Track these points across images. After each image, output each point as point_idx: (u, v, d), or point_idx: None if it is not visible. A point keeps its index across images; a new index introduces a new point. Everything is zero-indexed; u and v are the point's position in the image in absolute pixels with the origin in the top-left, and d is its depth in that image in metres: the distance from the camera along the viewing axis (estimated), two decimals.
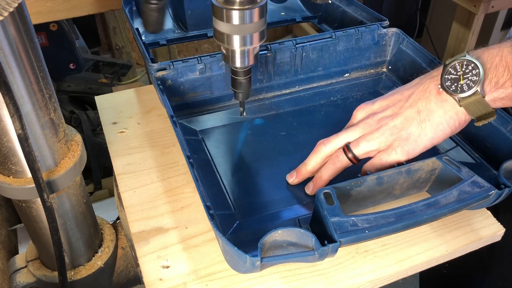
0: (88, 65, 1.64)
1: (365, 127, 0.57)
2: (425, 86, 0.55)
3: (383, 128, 0.55)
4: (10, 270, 0.67)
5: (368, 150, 0.56)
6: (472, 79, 0.51)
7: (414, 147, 0.54)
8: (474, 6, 1.36)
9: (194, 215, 0.58)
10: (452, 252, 0.55)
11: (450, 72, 0.52)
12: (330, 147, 0.58)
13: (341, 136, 0.58)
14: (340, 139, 0.57)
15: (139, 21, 0.90)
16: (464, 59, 0.51)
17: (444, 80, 0.52)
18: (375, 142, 0.55)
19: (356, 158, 0.56)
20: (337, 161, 0.57)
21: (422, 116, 0.54)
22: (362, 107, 0.59)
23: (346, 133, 0.58)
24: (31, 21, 0.44)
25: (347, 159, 0.56)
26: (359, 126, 0.57)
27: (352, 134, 0.57)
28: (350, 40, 0.75)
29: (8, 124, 0.45)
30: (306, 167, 0.59)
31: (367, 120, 0.57)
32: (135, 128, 0.72)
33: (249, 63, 0.58)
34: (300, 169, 0.60)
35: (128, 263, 0.71)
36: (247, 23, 0.52)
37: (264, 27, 0.55)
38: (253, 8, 0.51)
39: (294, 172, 0.61)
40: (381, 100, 0.58)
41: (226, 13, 0.51)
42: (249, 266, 0.45)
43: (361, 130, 0.57)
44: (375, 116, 0.57)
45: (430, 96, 0.54)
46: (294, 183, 0.61)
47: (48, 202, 0.49)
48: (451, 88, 0.52)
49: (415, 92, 0.55)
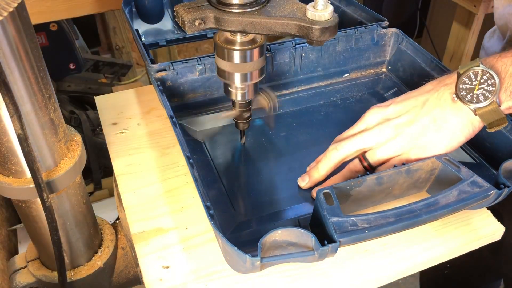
0: (88, 65, 1.63)
1: (380, 134, 0.56)
2: (440, 94, 0.54)
3: (400, 136, 0.55)
4: (10, 270, 0.67)
5: (385, 159, 0.55)
6: (488, 89, 0.51)
7: (431, 155, 0.54)
8: (474, 6, 1.36)
9: (194, 216, 0.58)
10: (452, 251, 0.55)
11: (465, 81, 0.52)
12: (342, 153, 0.57)
13: (354, 141, 0.57)
14: (354, 144, 0.57)
15: (139, 21, 0.90)
16: (479, 69, 0.51)
17: (459, 90, 0.52)
18: (392, 151, 0.55)
19: (371, 166, 0.56)
20: (354, 171, 0.57)
21: (438, 124, 0.54)
22: (375, 110, 0.58)
23: (361, 137, 0.57)
24: (31, 21, 0.44)
25: (363, 168, 0.56)
26: (374, 132, 0.56)
27: (368, 140, 0.56)
28: (350, 40, 0.75)
29: (7, 124, 0.45)
30: (318, 172, 0.58)
31: (382, 127, 0.56)
32: (135, 129, 0.72)
33: (249, 97, 0.60)
34: (312, 173, 0.59)
35: (128, 263, 0.71)
36: (247, 62, 0.54)
37: (264, 64, 0.57)
38: (253, 49, 0.53)
39: (305, 176, 0.60)
40: (395, 105, 0.57)
41: (228, 53, 0.54)
42: (249, 266, 0.45)
43: (376, 137, 0.56)
44: (390, 122, 0.56)
45: (445, 104, 0.54)
46: (306, 187, 0.60)
47: (47, 202, 0.49)
48: (467, 98, 0.52)
49: (430, 99, 0.55)
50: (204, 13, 0.50)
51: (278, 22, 0.49)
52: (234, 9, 0.50)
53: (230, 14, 0.50)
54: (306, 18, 0.49)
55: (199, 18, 0.50)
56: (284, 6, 0.51)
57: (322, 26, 0.48)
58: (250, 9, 0.50)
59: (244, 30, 0.50)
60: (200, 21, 0.50)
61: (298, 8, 0.50)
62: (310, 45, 0.72)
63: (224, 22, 0.50)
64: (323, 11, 0.48)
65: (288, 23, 0.49)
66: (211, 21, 0.50)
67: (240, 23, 0.50)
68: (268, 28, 0.50)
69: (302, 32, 0.49)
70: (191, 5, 0.51)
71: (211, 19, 0.50)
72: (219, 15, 0.50)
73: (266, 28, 0.50)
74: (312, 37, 0.49)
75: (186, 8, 0.50)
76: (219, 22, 0.50)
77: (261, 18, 0.49)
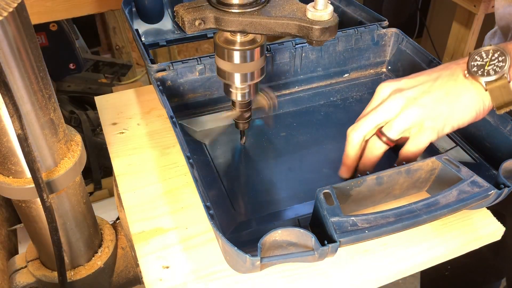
0: (88, 65, 1.64)
1: (393, 105, 0.55)
2: (452, 71, 0.56)
3: (413, 105, 0.55)
4: (10, 270, 0.67)
5: (402, 130, 0.55)
6: (498, 64, 0.53)
7: (443, 127, 0.55)
8: (474, 6, 1.36)
9: (194, 216, 0.58)
10: (452, 251, 0.55)
11: (476, 59, 0.54)
12: (361, 132, 0.57)
13: (370, 118, 0.56)
14: (370, 122, 0.57)
15: (139, 21, 0.90)
16: (490, 47, 0.54)
17: (470, 67, 0.54)
18: (407, 120, 0.55)
19: (391, 140, 0.56)
20: (374, 149, 0.57)
21: (450, 98, 0.55)
22: (386, 83, 0.58)
23: (376, 113, 0.56)
24: (31, 21, 0.44)
25: (383, 143, 0.56)
26: (388, 104, 0.56)
27: (382, 113, 0.56)
28: (350, 40, 0.75)
29: (7, 124, 0.45)
30: (347, 156, 0.59)
31: (395, 97, 0.56)
32: (135, 129, 0.72)
33: (249, 97, 0.60)
34: (345, 161, 0.59)
35: (128, 263, 0.71)
36: (247, 62, 0.54)
37: (264, 64, 0.57)
38: (253, 49, 0.53)
39: (342, 167, 0.60)
40: (407, 79, 0.58)
41: (228, 53, 0.54)
42: (249, 266, 0.45)
43: (390, 108, 0.55)
44: (403, 93, 0.56)
45: (457, 80, 0.55)
46: (348, 176, 0.60)
47: (47, 202, 0.49)
48: (478, 73, 0.54)
49: (442, 74, 0.56)
50: (204, 13, 0.50)
51: (278, 22, 0.49)
52: (234, 9, 0.50)
53: (230, 14, 0.50)
54: (306, 18, 0.49)
55: (199, 18, 0.50)
56: (284, 6, 0.51)
57: (322, 26, 0.48)
58: (250, 9, 0.50)
59: (244, 30, 0.50)
60: (200, 21, 0.50)
61: (298, 8, 0.50)
62: (310, 45, 0.73)
63: (224, 22, 0.50)
64: (323, 11, 0.48)
65: (288, 23, 0.49)
66: (211, 21, 0.50)
67: (240, 23, 0.50)
68: (268, 28, 0.50)
69: (302, 32, 0.49)
70: (191, 5, 0.51)
71: (211, 19, 0.50)
72: (219, 15, 0.50)
73: (266, 28, 0.50)
74: (312, 37, 0.49)
75: (186, 8, 0.50)
76: (219, 22, 0.50)
77: (261, 18, 0.49)
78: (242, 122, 0.64)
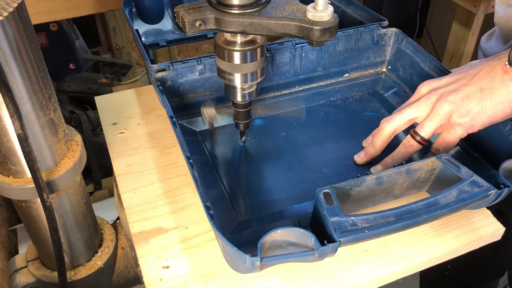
0: (88, 65, 1.64)
1: (427, 103, 0.58)
2: (492, 67, 0.56)
3: (442, 102, 0.56)
4: (10, 270, 0.68)
5: (433, 129, 0.57)
6: None
7: (473, 124, 0.56)
8: (474, 6, 1.36)
9: (194, 216, 0.58)
10: (452, 251, 0.55)
11: None
12: (393, 125, 0.60)
13: (404, 113, 0.59)
14: (403, 116, 0.59)
15: (139, 22, 0.90)
16: None
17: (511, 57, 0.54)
18: (437, 119, 0.57)
19: (424, 139, 0.58)
20: (408, 146, 0.59)
21: (484, 94, 0.55)
22: (427, 82, 0.61)
23: (409, 109, 0.59)
24: (31, 21, 0.44)
25: (417, 142, 0.58)
26: (422, 101, 0.59)
27: (415, 110, 0.59)
28: (350, 40, 0.75)
29: (8, 124, 0.45)
30: (373, 146, 0.61)
31: (429, 95, 0.58)
32: (135, 129, 0.72)
33: (249, 97, 0.60)
34: (367, 149, 0.62)
35: (128, 263, 0.71)
36: (248, 62, 0.55)
37: (264, 64, 0.57)
38: (254, 49, 0.54)
39: (362, 152, 0.63)
40: (448, 77, 0.60)
41: (228, 54, 0.54)
42: (249, 266, 0.45)
43: (423, 106, 0.58)
44: (437, 91, 0.58)
45: (495, 75, 0.55)
46: (363, 162, 0.62)
47: (48, 202, 0.49)
48: None
49: (481, 71, 0.57)
50: (205, 14, 0.50)
51: (278, 23, 0.49)
52: (234, 10, 0.50)
53: (231, 15, 0.50)
54: (306, 19, 0.49)
55: (200, 19, 0.50)
56: (284, 7, 0.51)
57: (322, 26, 0.48)
58: (250, 10, 0.50)
59: (245, 31, 0.50)
60: (200, 22, 0.50)
61: (298, 9, 0.50)
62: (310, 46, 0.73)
63: (225, 23, 0.50)
64: (323, 12, 0.48)
65: (288, 24, 0.49)
66: (211, 22, 0.50)
67: (240, 24, 0.50)
68: (269, 29, 0.50)
69: (302, 33, 0.49)
70: (191, 6, 0.51)
71: (211, 20, 0.50)
72: (220, 16, 0.50)
73: (266, 29, 0.50)
74: (313, 37, 0.49)
75: (186, 9, 0.50)
76: (219, 23, 0.50)
77: (261, 19, 0.50)
78: (242, 122, 0.64)
